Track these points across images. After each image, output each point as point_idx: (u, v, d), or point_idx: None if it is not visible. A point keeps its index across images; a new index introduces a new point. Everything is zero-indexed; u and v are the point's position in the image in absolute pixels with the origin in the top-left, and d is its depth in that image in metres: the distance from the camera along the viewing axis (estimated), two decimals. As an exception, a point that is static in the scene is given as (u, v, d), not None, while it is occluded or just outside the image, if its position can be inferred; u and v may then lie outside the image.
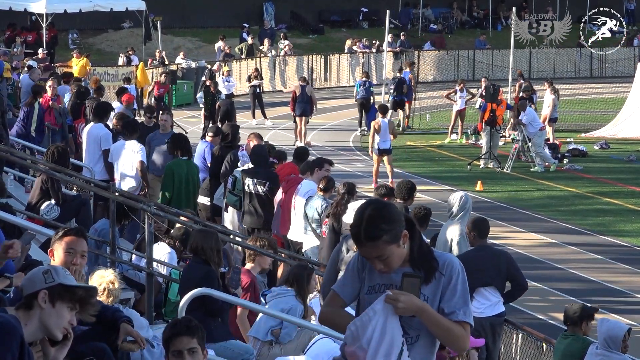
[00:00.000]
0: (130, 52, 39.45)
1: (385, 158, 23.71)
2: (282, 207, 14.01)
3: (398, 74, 33.73)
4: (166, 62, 38.82)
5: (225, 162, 15.95)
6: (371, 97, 31.99)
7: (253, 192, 14.29)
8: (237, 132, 16.83)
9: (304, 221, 13.40)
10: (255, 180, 14.27)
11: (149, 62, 38.33)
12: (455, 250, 11.62)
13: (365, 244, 4.83)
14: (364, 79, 32.76)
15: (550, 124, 29.76)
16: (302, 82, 30.65)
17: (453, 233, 11.72)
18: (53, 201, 12.88)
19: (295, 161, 15.28)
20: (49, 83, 20.65)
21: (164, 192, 14.87)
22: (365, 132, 31.10)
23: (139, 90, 32.53)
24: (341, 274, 8.94)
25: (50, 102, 19.59)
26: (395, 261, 4.87)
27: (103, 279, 8.00)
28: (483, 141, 27.51)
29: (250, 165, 14.79)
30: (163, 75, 32.13)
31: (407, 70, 34.22)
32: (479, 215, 12.78)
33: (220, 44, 35.88)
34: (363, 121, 32.01)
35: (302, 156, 15.46)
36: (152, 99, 30.31)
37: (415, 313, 4.80)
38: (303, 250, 13.50)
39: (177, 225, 11.97)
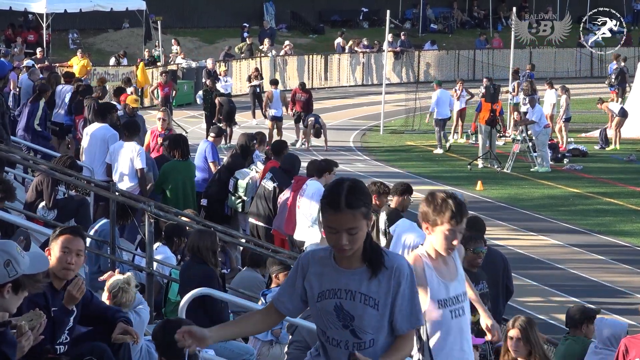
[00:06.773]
0: (121, 55, 39.38)
1: (276, 124, 28.73)
2: (289, 207, 13.92)
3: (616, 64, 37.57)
4: (160, 62, 38.76)
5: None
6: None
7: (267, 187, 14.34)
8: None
9: (309, 220, 13.35)
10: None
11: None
12: None
13: (343, 211, 4.59)
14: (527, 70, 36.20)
15: (564, 123, 29.76)
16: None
17: None
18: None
19: (275, 157, 15.15)
20: (160, 115, 17.77)
21: (165, 191, 14.69)
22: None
23: (140, 90, 32.45)
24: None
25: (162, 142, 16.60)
26: (359, 241, 4.69)
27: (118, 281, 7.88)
28: (479, 141, 27.50)
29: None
30: (163, 74, 32.06)
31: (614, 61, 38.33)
32: (472, 214, 12.59)
33: (209, 62, 35.10)
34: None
35: (279, 150, 15.36)
36: (160, 101, 30.09)
37: None
38: (304, 247, 13.46)
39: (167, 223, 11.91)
